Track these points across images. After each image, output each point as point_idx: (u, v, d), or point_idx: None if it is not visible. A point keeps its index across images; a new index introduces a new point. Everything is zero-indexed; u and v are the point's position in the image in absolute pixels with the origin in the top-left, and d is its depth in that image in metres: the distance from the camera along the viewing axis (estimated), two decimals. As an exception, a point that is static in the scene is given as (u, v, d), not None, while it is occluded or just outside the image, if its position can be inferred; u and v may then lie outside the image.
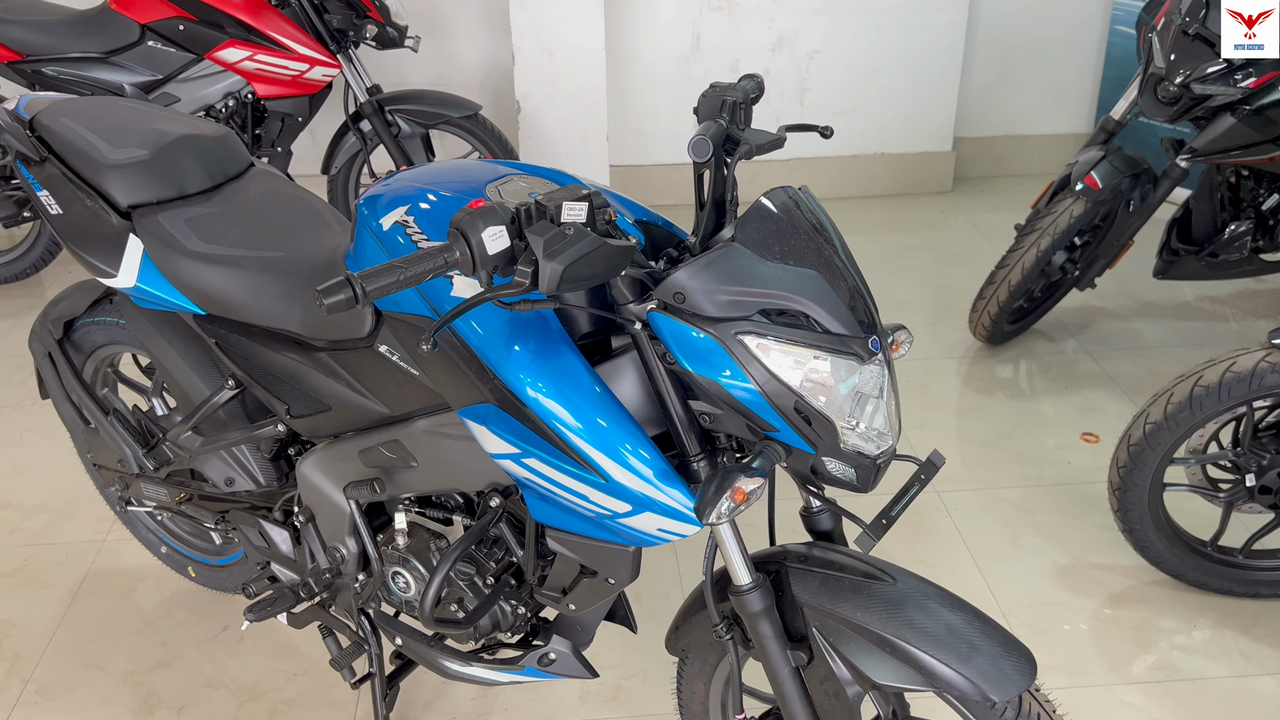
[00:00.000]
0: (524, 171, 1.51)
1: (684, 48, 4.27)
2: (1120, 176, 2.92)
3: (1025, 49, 4.48)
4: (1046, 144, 4.66)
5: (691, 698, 1.74)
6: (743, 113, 1.47)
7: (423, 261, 1.12)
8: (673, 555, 2.52)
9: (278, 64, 3.38)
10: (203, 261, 1.71)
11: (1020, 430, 3.01)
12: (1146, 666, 2.23)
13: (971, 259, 3.99)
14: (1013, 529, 2.62)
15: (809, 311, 1.23)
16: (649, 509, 1.34)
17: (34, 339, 2.18)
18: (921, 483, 1.41)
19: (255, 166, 1.94)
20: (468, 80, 4.33)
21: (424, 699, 2.16)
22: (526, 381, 1.33)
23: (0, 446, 2.98)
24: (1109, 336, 3.47)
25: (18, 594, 2.45)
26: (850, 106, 4.42)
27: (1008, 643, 1.34)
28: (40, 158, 1.84)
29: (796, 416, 1.24)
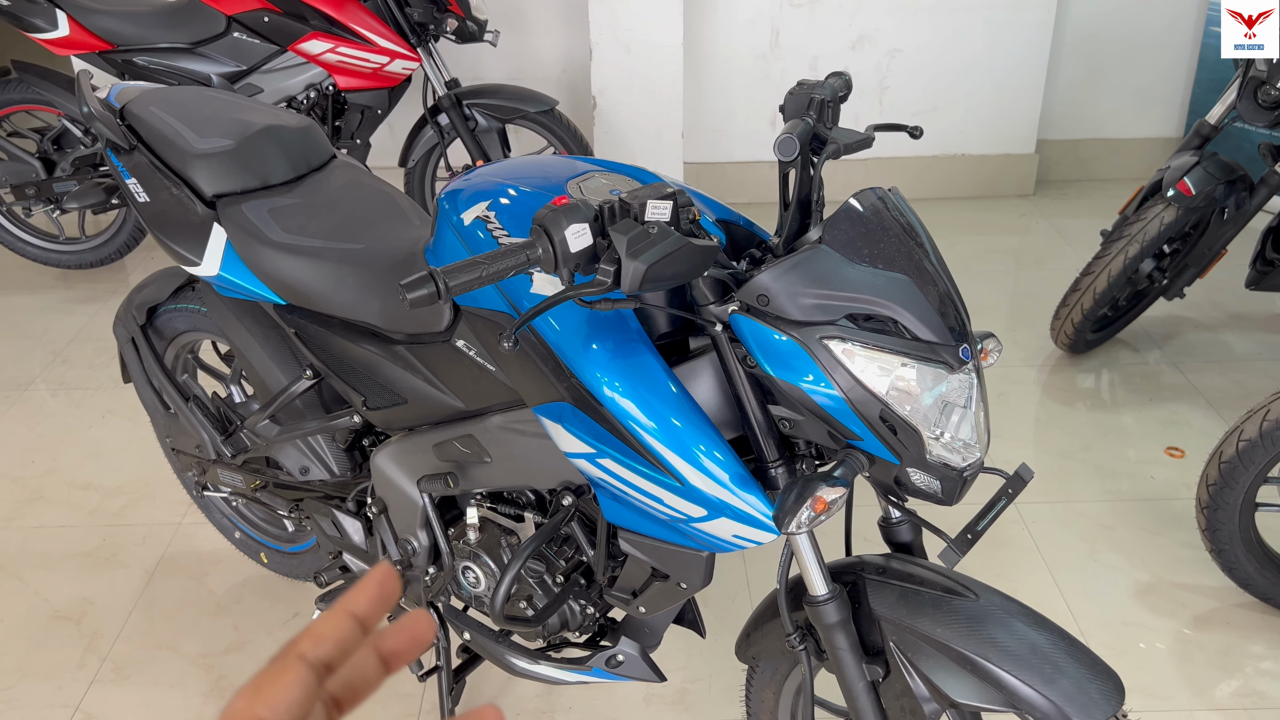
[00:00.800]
0: (604, 168, 1.49)
1: (762, 45, 4.23)
2: (1215, 183, 2.82)
3: (1114, 49, 4.36)
4: (1134, 148, 4.53)
5: (760, 706, 1.71)
6: (830, 111, 1.43)
7: (505, 258, 1.11)
8: (741, 560, 2.49)
9: (359, 56, 3.41)
10: (284, 252, 1.72)
11: (1101, 442, 2.92)
12: (1231, 692, 2.15)
13: (1053, 265, 3.89)
14: (1092, 544, 2.54)
15: (897, 317, 1.19)
16: (724, 514, 1.32)
17: (118, 324, 2.23)
18: (1009, 497, 1.37)
19: (337, 158, 1.95)
20: (545, 75, 4.33)
21: (489, 694, 2.15)
22: (604, 381, 1.32)
23: (83, 428, 3.06)
24: (1196, 348, 3.36)
25: (96, 573, 2.50)
26: (931, 106, 4.34)
27: (1094, 665, 1.29)
28: (129, 146, 1.86)
29: (882, 425, 1.20)
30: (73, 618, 2.37)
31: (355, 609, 0.46)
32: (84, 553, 2.57)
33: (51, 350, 3.46)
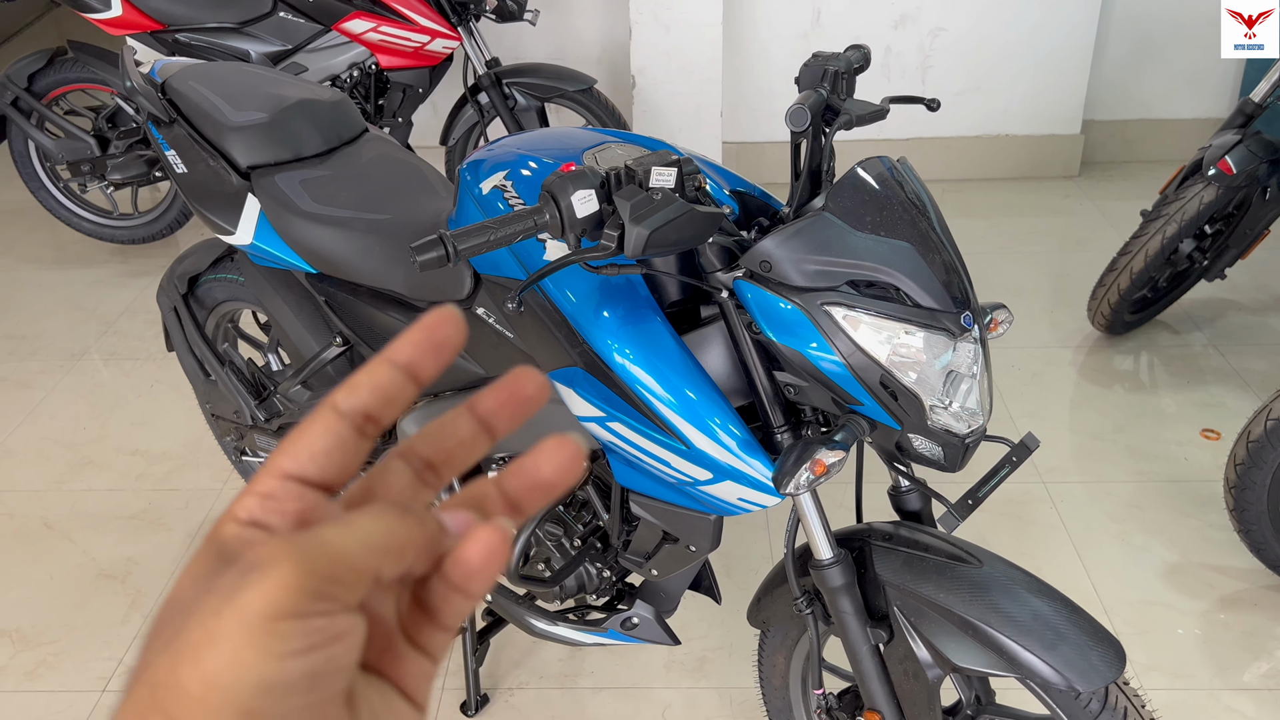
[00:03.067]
0: (623, 140, 1.52)
1: (803, 23, 4.22)
2: (1257, 162, 2.78)
3: (1163, 27, 4.28)
4: (1183, 129, 4.44)
5: (772, 671, 1.74)
6: (845, 83, 1.44)
7: (513, 222, 1.15)
8: (765, 530, 2.51)
9: (400, 35, 3.46)
10: (314, 222, 1.77)
11: (1135, 424, 2.90)
12: (1259, 674, 2.13)
13: (1096, 247, 3.84)
14: (1121, 524, 2.53)
15: (899, 284, 1.21)
16: (730, 478, 1.35)
17: (161, 294, 2.30)
18: (1013, 465, 1.38)
19: (369, 132, 2.00)
20: (585, 55, 4.36)
21: (513, 657, 2.21)
22: (614, 347, 1.35)
23: (132, 397, 3.16)
24: (1238, 331, 3.31)
25: (141, 535, 2.59)
26: (974, 86, 4.30)
27: (1096, 633, 1.30)
28: (169, 119, 1.93)
29: (882, 391, 1.22)
30: (118, 577, 2.46)
31: (397, 356, 0.39)
32: (130, 516, 2.66)
33: (104, 322, 3.57)
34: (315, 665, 0.33)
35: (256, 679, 0.32)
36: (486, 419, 0.41)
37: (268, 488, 0.37)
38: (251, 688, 0.32)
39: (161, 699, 0.32)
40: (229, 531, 0.36)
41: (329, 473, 0.38)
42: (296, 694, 0.33)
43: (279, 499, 0.37)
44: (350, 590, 0.34)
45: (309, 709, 0.33)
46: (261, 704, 0.32)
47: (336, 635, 0.33)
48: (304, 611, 0.32)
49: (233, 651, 0.32)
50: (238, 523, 0.36)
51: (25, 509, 2.69)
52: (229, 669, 0.32)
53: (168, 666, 0.32)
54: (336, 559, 0.34)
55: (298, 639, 0.32)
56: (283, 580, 0.32)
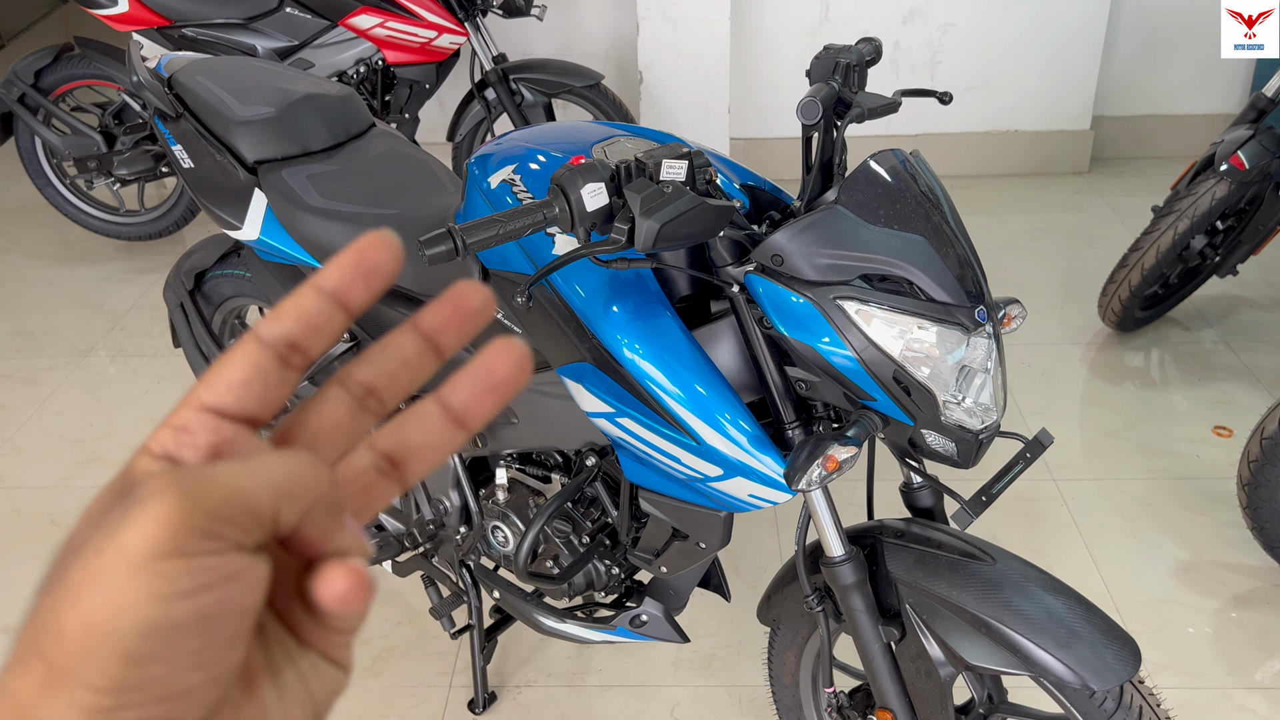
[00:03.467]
0: (632, 133, 1.51)
1: (812, 19, 4.20)
2: (1270, 157, 2.75)
3: (1174, 23, 4.25)
4: (1194, 124, 4.42)
5: (782, 669, 1.73)
6: (856, 75, 1.43)
7: (522, 216, 1.13)
8: (773, 528, 2.50)
9: (407, 31, 3.45)
10: (321, 216, 1.76)
11: (1147, 421, 2.88)
12: (1272, 673, 2.12)
13: (1106, 243, 3.82)
14: (1133, 522, 2.51)
15: (912, 278, 1.19)
16: (740, 474, 1.33)
17: (168, 290, 2.29)
18: (1026, 461, 1.37)
19: (376, 127, 1.99)
20: (592, 50, 4.35)
21: (521, 655, 2.20)
22: (623, 342, 1.34)
23: (140, 393, 3.15)
24: (1250, 327, 3.29)
25: (148, 531, 2.58)
26: (984, 81, 4.27)
27: (1110, 631, 1.29)
28: (176, 114, 1.92)
29: (895, 386, 1.21)
30: (125, 573, 2.45)
31: (325, 282, 0.36)
32: (137, 512, 2.65)
33: (111, 318, 3.57)
34: (206, 608, 0.31)
35: (138, 621, 0.30)
36: (432, 336, 0.37)
37: (183, 420, 0.34)
38: (133, 631, 0.30)
39: (43, 643, 0.31)
40: (139, 465, 0.34)
41: (249, 404, 0.35)
42: (186, 637, 0.31)
43: (193, 431, 0.34)
44: (244, 530, 0.31)
45: (202, 654, 0.31)
46: (145, 647, 0.30)
47: (228, 576, 0.31)
48: (189, 550, 0.30)
49: (113, 592, 0.30)
50: (150, 456, 0.34)
51: (32, 506, 2.69)
52: (109, 611, 0.30)
53: (50, 609, 0.31)
54: (229, 496, 0.31)
55: (184, 579, 0.30)
56: (166, 516, 0.30)
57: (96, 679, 0.30)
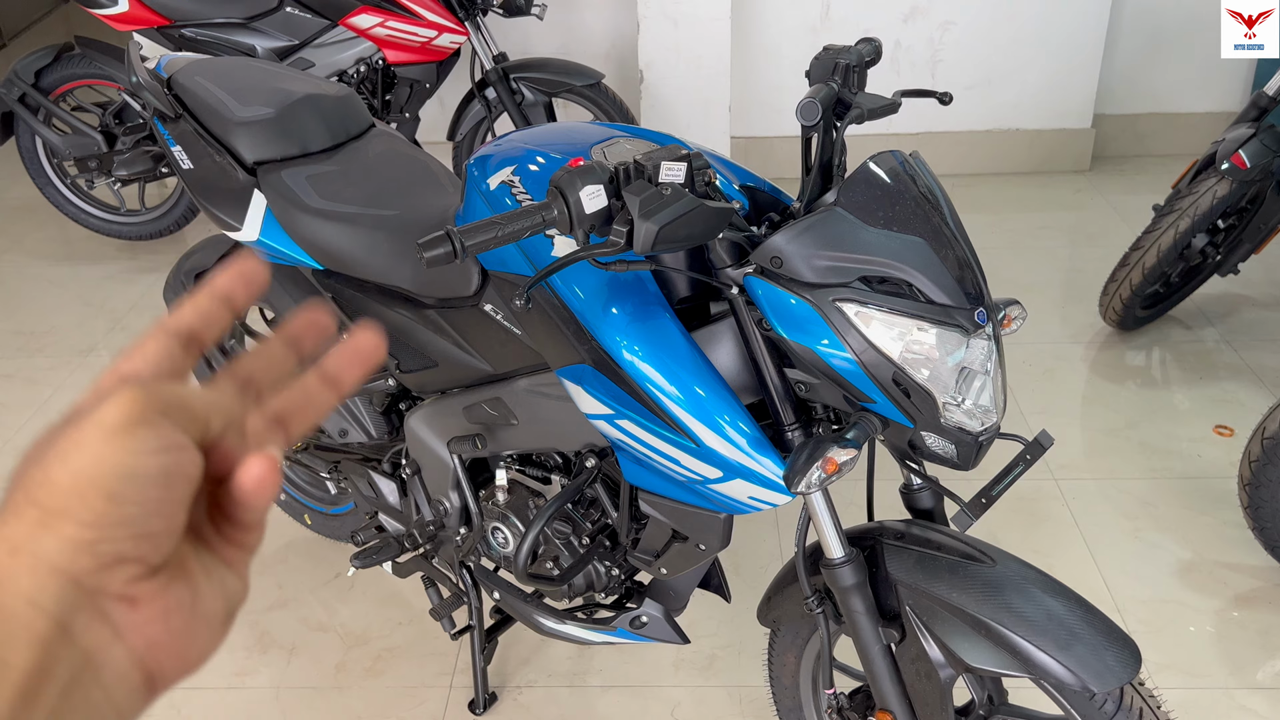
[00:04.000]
0: (631, 134, 1.50)
1: (813, 17, 4.19)
2: (1271, 156, 2.75)
3: (1175, 21, 4.25)
4: (1195, 123, 4.41)
5: (782, 670, 1.73)
6: (856, 76, 1.42)
7: (521, 219, 1.13)
8: (774, 529, 2.50)
9: (407, 30, 3.45)
10: (321, 217, 1.76)
11: (1148, 420, 2.87)
12: (1273, 673, 2.11)
13: (1107, 242, 3.82)
14: (1134, 522, 2.51)
15: (912, 280, 1.19)
16: (740, 476, 1.33)
17: (168, 290, 2.29)
18: (1026, 463, 1.36)
19: (375, 127, 1.99)
20: (593, 50, 4.34)
21: (522, 655, 2.20)
22: (622, 344, 1.34)
23: (140, 393, 3.15)
24: (1252, 326, 3.28)
25: (149, 532, 2.58)
26: (984, 79, 4.27)
27: (1110, 633, 1.28)
28: (175, 114, 1.91)
29: (895, 388, 1.21)
30: (126, 574, 2.45)
31: (215, 287, 0.47)
32: (138, 512, 2.65)
33: (112, 318, 3.57)
34: (167, 465, 0.40)
35: (117, 467, 0.39)
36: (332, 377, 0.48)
37: (106, 385, 0.43)
38: (113, 474, 0.39)
39: (36, 495, 0.39)
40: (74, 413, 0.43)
41: (160, 377, 0.45)
42: (153, 487, 0.39)
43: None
44: (187, 420, 0.41)
45: (162, 504, 0.40)
46: (123, 488, 0.39)
47: (180, 445, 0.40)
48: (152, 421, 0.40)
49: (95, 449, 0.39)
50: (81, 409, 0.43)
51: (33, 506, 2.69)
52: (93, 461, 0.39)
53: (40, 472, 0.39)
54: (176, 397, 0.41)
55: (151, 440, 0.39)
56: (134, 398, 0.40)
57: (84, 514, 0.38)
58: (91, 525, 0.38)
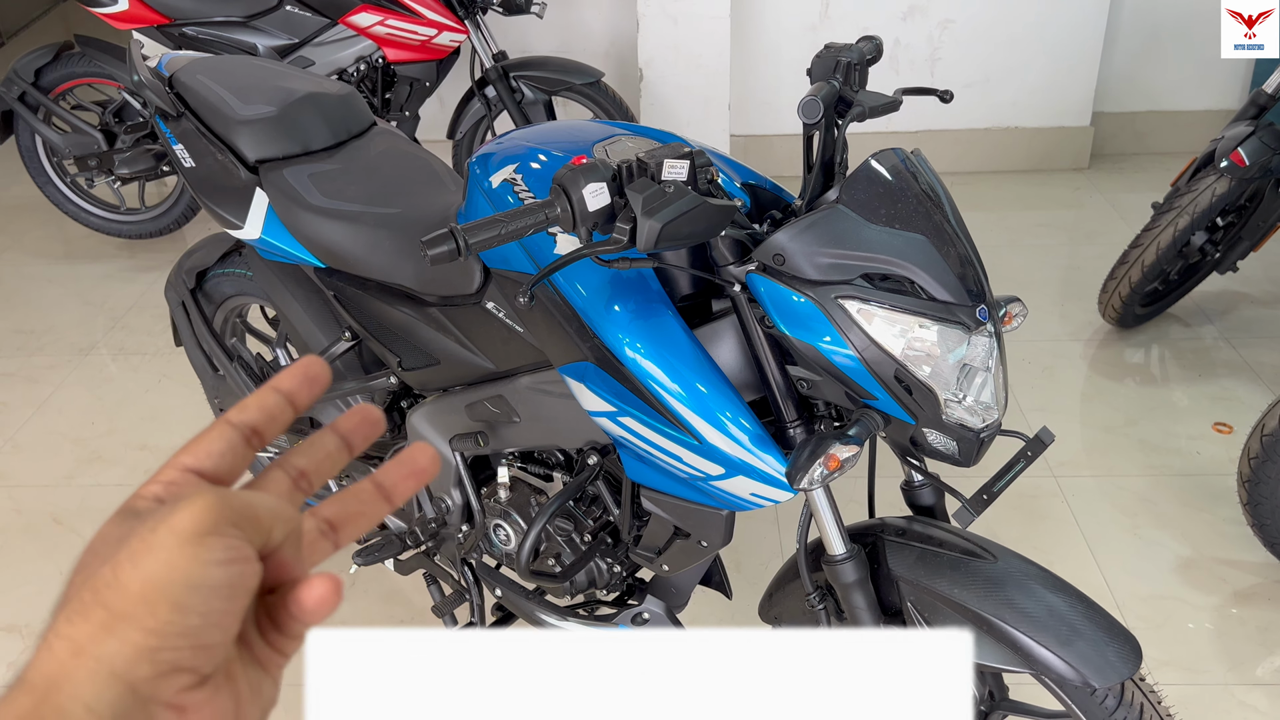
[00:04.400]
0: (633, 132, 1.51)
1: (812, 15, 4.20)
2: (1270, 154, 2.75)
3: (1174, 19, 4.25)
4: (1194, 120, 4.42)
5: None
6: (857, 74, 1.43)
7: (524, 216, 1.14)
8: (775, 526, 2.50)
9: (407, 29, 3.45)
10: (323, 216, 1.76)
11: (1147, 417, 2.88)
12: (1273, 669, 2.12)
13: (1106, 239, 3.82)
14: (1133, 519, 2.52)
15: (914, 277, 1.20)
16: (742, 473, 1.34)
17: (169, 288, 2.30)
18: (1028, 459, 1.37)
19: (377, 125, 1.99)
20: (592, 48, 4.34)
21: (523, 652, 2.20)
22: (625, 341, 1.34)
23: (140, 391, 3.15)
24: (1251, 324, 3.29)
25: (150, 530, 2.59)
26: (983, 77, 4.27)
27: (1111, 628, 1.29)
28: (177, 113, 1.92)
29: (897, 385, 1.21)
30: (127, 572, 2.45)
31: (280, 385, 0.49)
32: (139, 510, 2.65)
33: (112, 317, 3.57)
34: (232, 577, 0.41)
35: (186, 578, 0.40)
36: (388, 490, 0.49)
37: (171, 477, 0.45)
38: (182, 584, 0.40)
39: (104, 597, 0.40)
40: (139, 504, 0.44)
41: (221, 470, 0.46)
42: (217, 598, 0.41)
43: (180, 485, 0.45)
44: (254, 530, 0.42)
45: (223, 616, 0.41)
46: (190, 599, 0.40)
47: (245, 557, 0.42)
48: (222, 531, 0.41)
49: (167, 556, 0.40)
50: (144, 499, 0.45)
51: (34, 504, 2.70)
52: (164, 569, 0.40)
53: (110, 572, 0.40)
54: (244, 506, 0.43)
55: (219, 551, 0.41)
56: (207, 506, 0.41)
57: (150, 622, 0.39)
58: (156, 633, 0.39)
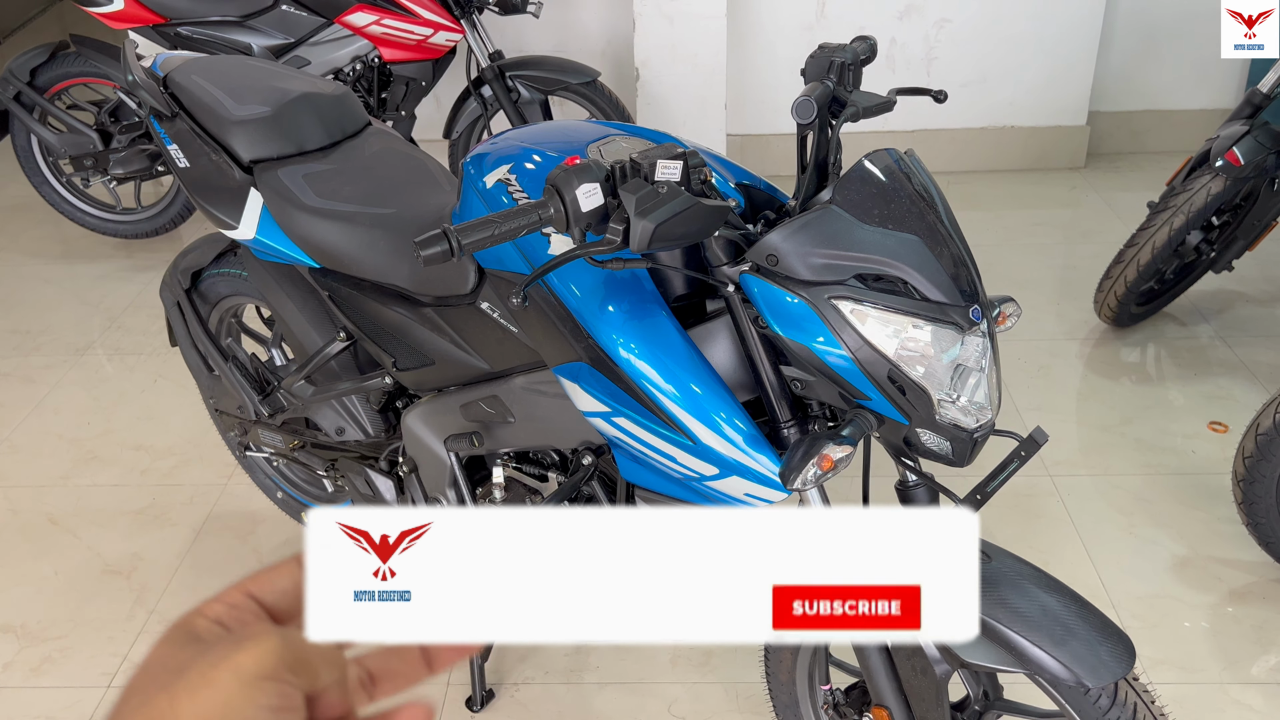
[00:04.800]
0: (627, 132, 1.51)
1: (808, 15, 4.19)
2: (1265, 153, 2.76)
3: (1170, 18, 4.25)
4: (1190, 120, 4.42)
5: (779, 667, 1.73)
6: (851, 74, 1.43)
7: (518, 217, 1.14)
8: (771, 526, 2.50)
9: (403, 28, 3.45)
10: (318, 216, 1.76)
11: (1143, 416, 2.88)
12: (1268, 667, 2.12)
13: (1102, 238, 3.83)
14: (1129, 518, 2.52)
15: (907, 277, 1.20)
16: (736, 473, 1.34)
17: (164, 288, 2.29)
18: (1021, 459, 1.37)
19: (372, 125, 1.99)
20: (589, 47, 4.34)
21: (519, 652, 2.20)
22: (619, 341, 1.34)
23: (136, 392, 3.15)
24: (1246, 322, 3.29)
25: (146, 530, 2.59)
26: (980, 77, 4.28)
27: (1105, 628, 1.29)
28: (171, 113, 1.92)
29: (890, 386, 1.21)
30: (123, 572, 2.45)
31: None
32: (135, 511, 2.66)
33: (109, 316, 3.57)
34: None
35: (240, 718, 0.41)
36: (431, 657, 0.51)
37: (235, 600, 0.47)
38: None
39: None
40: (199, 624, 0.46)
41: (282, 606, 0.48)
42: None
43: (241, 610, 0.47)
44: (308, 676, 0.44)
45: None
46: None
47: (295, 707, 0.43)
48: (280, 676, 0.43)
49: (225, 694, 0.41)
50: (206, 619, 0.46)
51: (30, 504, 2.69)
52: (220, 707, 0.41)
53: (167, 702, 0.41)
54: (304, 649, 0.45)
55: (274, 697, 0.42)
56: (271, 650, 0.43)
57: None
58: None
